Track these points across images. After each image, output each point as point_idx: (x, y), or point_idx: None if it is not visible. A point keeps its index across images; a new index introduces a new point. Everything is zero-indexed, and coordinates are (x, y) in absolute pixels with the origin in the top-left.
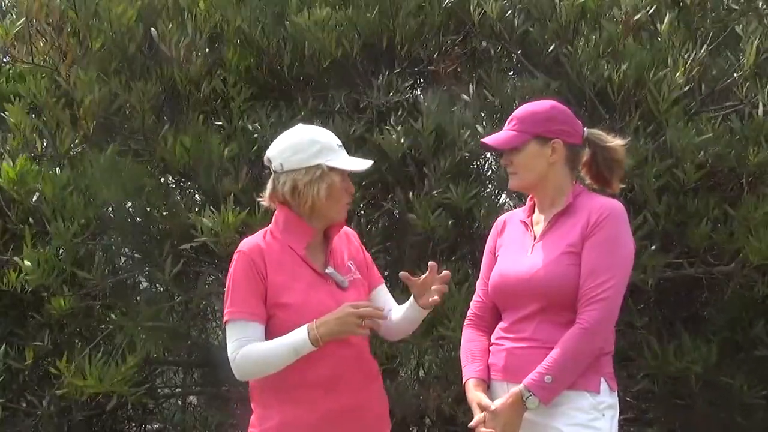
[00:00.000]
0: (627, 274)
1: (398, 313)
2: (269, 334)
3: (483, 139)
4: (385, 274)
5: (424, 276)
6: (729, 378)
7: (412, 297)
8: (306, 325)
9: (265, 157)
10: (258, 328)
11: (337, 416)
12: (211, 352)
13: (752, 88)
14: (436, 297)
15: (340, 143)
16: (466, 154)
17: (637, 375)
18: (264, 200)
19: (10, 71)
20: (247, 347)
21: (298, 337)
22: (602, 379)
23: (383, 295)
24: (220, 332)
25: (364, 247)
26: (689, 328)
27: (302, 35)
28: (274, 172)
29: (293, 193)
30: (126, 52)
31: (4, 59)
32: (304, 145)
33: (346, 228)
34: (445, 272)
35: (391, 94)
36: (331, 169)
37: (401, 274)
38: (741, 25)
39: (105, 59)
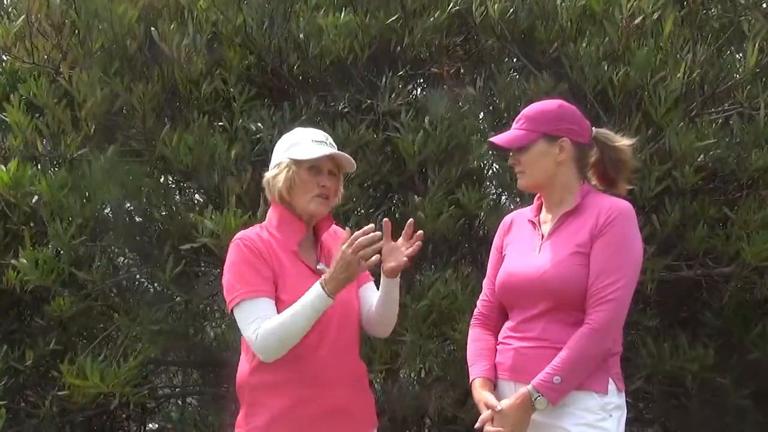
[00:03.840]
0: (636, 275)
1: (377, 304)
2: None
3: (491, 138)
4: None
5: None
6: (723, 378)
7: (383, 275)
8: (317, 283)
9: None
10: (269, 302)
11: (325, 414)
12: (210, 353)
13: (753, 90)
14: (398, 262)
15: (321, 139)
16: (476, 161)
17: (633, 375)
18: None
19: (14, 72)
20: (265, 324)
21: (314, 295)
22: (610, 380)
23: (371, 291)
24: (219, 332)
25: None
26: (688, 330)
27: (311, 36)
28: None
29: (267, 189)
30: (126, 52)
31: (4, 58)
32: (282, 146)
33: (334, 226)
34: (419, 232)
35: (394, 95)
36: (296, 162)
37: (384, 220)
38: (747, 23)
39: (106, 59)
